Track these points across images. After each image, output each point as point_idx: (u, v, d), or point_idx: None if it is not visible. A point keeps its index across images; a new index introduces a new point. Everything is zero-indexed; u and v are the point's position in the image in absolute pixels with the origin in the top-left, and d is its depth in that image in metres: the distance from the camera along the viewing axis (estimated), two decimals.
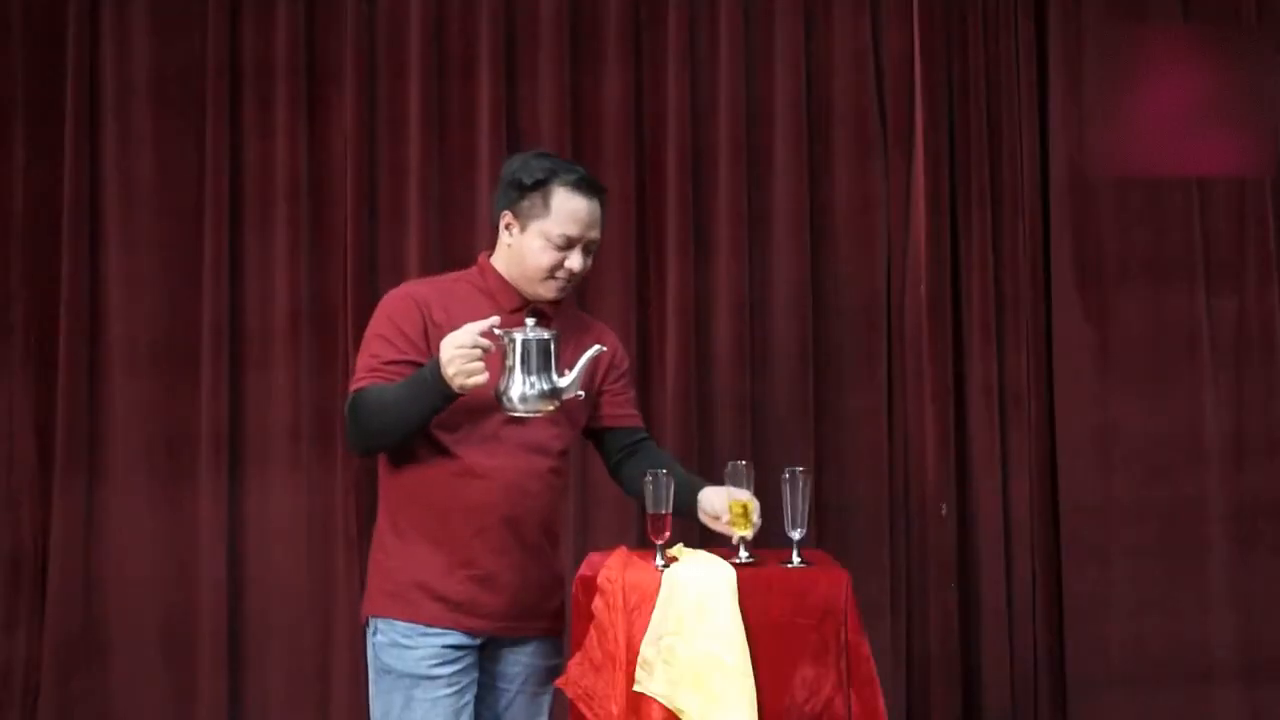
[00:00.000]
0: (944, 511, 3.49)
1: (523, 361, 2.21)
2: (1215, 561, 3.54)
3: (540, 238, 2.36)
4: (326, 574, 3.43)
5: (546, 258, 2.36)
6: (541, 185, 2.36)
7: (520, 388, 2.22)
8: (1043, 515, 3.53)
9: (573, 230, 2.36)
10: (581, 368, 2.27)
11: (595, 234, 2.40)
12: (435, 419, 2.28)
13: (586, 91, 3.53)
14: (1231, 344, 3.59)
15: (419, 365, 2.29)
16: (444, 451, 2.34)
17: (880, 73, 3.60)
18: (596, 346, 2.31)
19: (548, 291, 2.39)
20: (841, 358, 3.55)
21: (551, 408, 2.25)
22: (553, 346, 2.23)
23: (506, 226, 2.41)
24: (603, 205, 2.43)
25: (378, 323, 2.38)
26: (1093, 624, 3.50)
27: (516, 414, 2.25)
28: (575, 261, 2.37)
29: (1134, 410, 3.55)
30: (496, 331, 2.20)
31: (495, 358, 2.21)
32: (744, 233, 3.52)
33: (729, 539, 2.38)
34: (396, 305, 2.39)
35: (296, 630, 3.42)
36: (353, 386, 2.34)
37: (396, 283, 3.18)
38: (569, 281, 2.39)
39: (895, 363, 3.57)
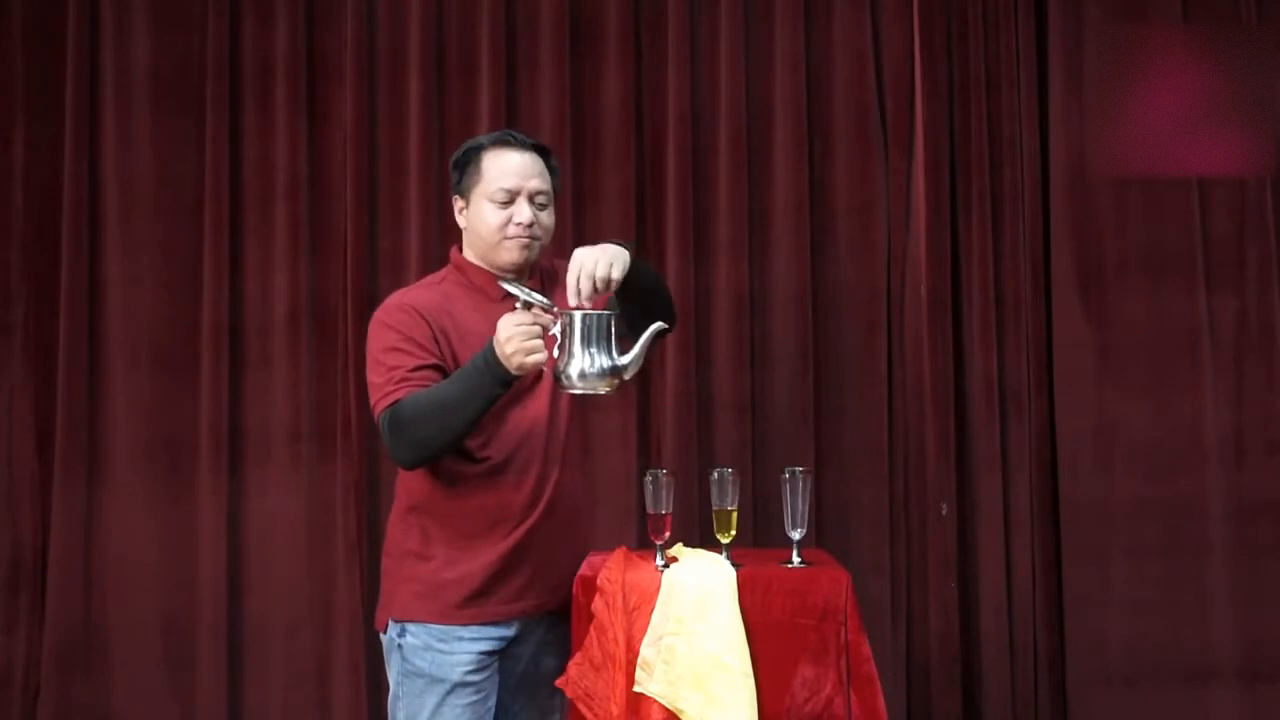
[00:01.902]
0: (944, 511, 3.48)
1: (583, 338, 2.15)
2: (1215, 561, 3.53)
3: (484, 202, 2.36)
4: (326, 574, 3.43)
5: (494, 218, 2.35)
6: (472, 156, 2.39)
7: (580, 364, 2.15)
8: (1043, 515, 3.53)
9: (508, 182, 2.35)
10: (644, 346, 2.20)
11: (537, 184, 2.37)
12: None
13: (586, 91, 3.53)
14: (1232, 344, 3.59)
15: (444, 371, 2.26)
16: (471, 453, 2.30)
17: (880, 72, 3.60)
18: (658, 324, 2.24)
19: (510, 254, 2.36)
20: (841, 358, 3.55)
21: (610, 387, 2.18)
22: (613, 324, 2.18)
23: (460, 212, 2.42)
24: (545, 159, 2.41)
25: (384, 337, 2.31)
26: (1093, 623, 3.50)
27: (575, 391, 2.20)
28: (523, 214, 2.35)
29: (1134, 410, 3.54)
30: (555, 310, 2.17)
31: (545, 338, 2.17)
32: (744, 233, 3.52)
33: (719, 541, 2.40)
34: (399, 316, 2.32)
35: (296, 631, 3.42)
36: (385, 402, 2.25)
37: (396, 283, 3.21)
38: (528, 238, 2.36)
39: (895, 362, 3.56)
